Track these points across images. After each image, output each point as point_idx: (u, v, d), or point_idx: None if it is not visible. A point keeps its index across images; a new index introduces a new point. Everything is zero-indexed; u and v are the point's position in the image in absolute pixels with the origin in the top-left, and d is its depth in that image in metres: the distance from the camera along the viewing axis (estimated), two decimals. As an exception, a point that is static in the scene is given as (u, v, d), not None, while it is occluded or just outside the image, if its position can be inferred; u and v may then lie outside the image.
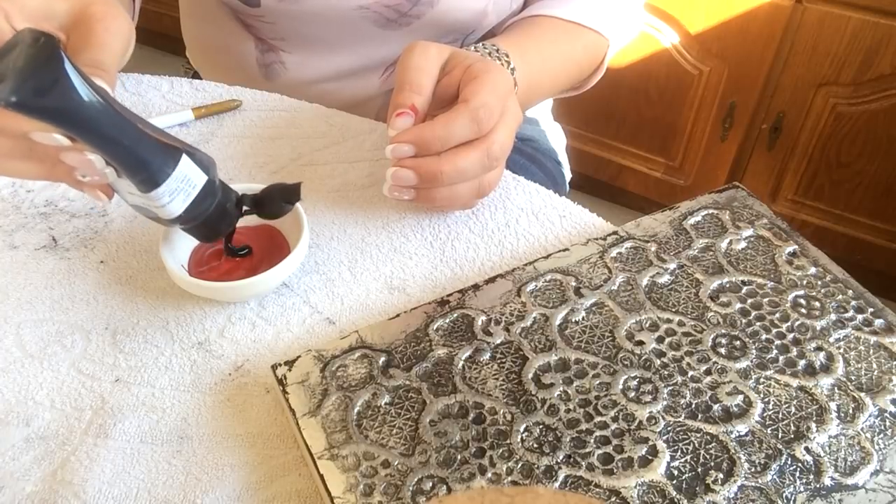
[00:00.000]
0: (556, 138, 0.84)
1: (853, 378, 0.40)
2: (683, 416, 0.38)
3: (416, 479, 0.35)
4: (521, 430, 0.37)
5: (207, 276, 0.45)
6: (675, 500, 0.35)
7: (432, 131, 0.44)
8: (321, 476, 0.36)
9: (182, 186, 0.39)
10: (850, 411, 0.38)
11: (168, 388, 0.42)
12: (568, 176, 0.85)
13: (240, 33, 0.69)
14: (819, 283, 0.45)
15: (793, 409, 0.38)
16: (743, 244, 0.47)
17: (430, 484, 0.35)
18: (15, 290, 0.47)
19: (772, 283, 0.45)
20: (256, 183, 0.49)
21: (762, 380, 0.40)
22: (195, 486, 0.37)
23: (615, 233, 0.48)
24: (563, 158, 0.85)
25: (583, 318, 0.43)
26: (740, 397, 0.39)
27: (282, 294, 0.47)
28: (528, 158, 0.77)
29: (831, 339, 0.42)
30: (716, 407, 0.38)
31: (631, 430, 0.37)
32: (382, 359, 0.41)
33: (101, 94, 0.35)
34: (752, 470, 0.36)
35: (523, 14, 0.64)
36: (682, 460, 0.36)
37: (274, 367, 0.40)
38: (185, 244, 0.47)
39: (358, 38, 0.65)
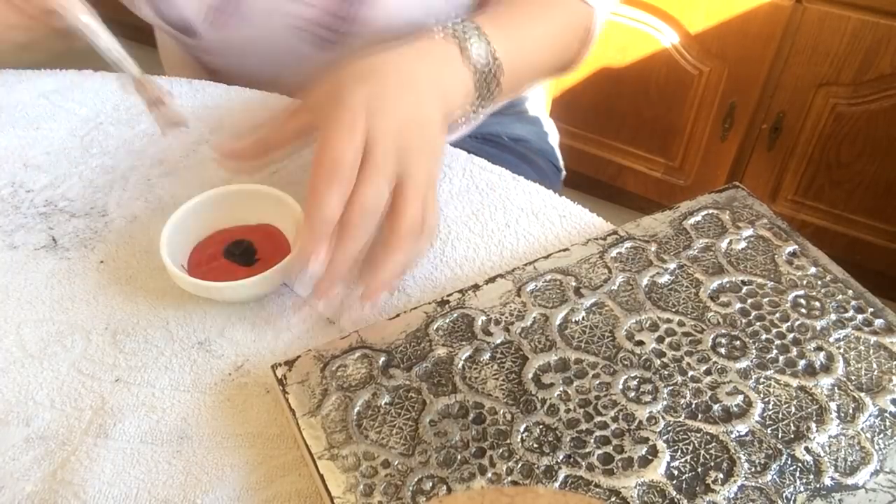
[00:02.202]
0: (553, 137, 0.83)
1: (853, 378, 0.40)
2: (683, 416, 0.38)
3: (416, 479, 0.35)
4: (521, 430, 0.37)
5: (207, 276, 0.45)
6: (675, 500, 0.35)
7: (311, 218, 0.41)
8: (321, 476, 0.36)
9: None
10: (850, 411, 0.38)
11: (168, 388, 0.42)
12: (563, 173, 0.84)
13: (192, 63, 0.69)
14: (819, 283, 0.45)
15: (793, 409, 0.38)
16: (743, 244, 0.47)
17: (430, 484, 0.35)
18: (15, 290, 0.47)
19: (772, 283, 0.45)
20: (256, 183, 0.49)
21: (762, 380, 0.40)
22: (195, 486, 0.37)
23: (615, 233, 0.48)
24: (557, 154, 0.84)
25: (583, 318, 0.43)
26: (740, 397, 0.39)
27: (282, 294, 0.47)
28: (518, 157, 0.76)
29: (831, 339, 0.42)
30: (716, 407, 0.38)
31: (631, 430, 0.37)
32: (382, 359, 0.40)
33: None
34: (752, 470, 0.36)
35: None
36: (682, 460, 0.36)
37: (274, 367, 0.40)
38: (184, 244, 0.47)
39: (297, 61, 0.62)
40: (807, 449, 0.37)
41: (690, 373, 0.40)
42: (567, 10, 0.61)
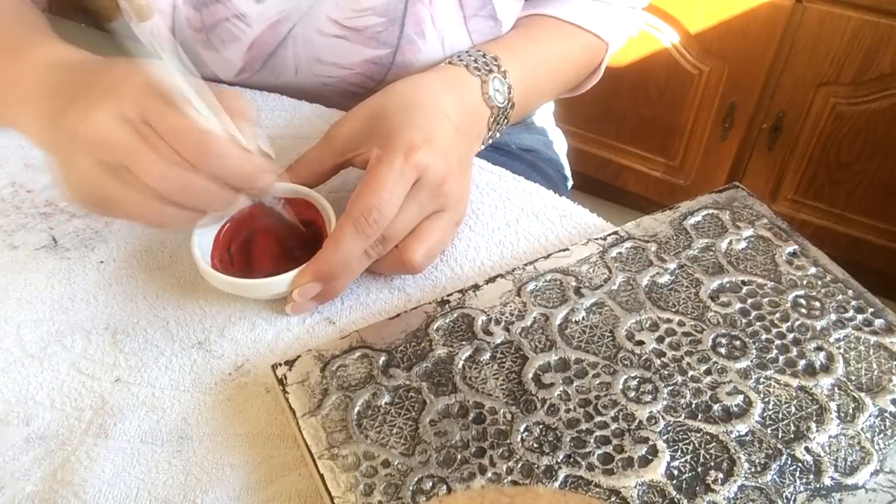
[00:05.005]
0: (559, 145, 0.84)
1: (853, 378, 0.40)
2: (683, 415, 0.38)
3: (416, 479, 0.35)
4: (521, 429, 0.37)
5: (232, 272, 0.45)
6: (675, 499, 0.35)
7: (328, 262, 0.43)
8: (321, 476, 0.36)
9: None
10: (850, 411, 0.38)
11: (168, 388, 0.42)
12: (570, 183, 0.85)
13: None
14: (819, 283, 0.45)
15: (793, 409, 0.38)
16: (743, 244, 0.47)
17: (430, 484, 0.35)
18: (15, 290, 0.47)
19: (772, 283, 0.45)
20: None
21: (762, 380, 0.40)
22: (195, 486, 0.37)
23: (615, 233, 0.48)
24: (565, 163, 0.84)
25: (583, 318, 0.43)
26: (740, 397, 0.39)
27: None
28: (528, 165, 0.77)
29: (831, 339, 0.42)
30: (716, 407, 0.38)
31: (631, 429, 0.37)
32: (382, 358, 0.41)
33: None
34: (752, 470, 0.36)
35: (521, 13, 0.63)
36: (682, 460, 0.36)
37: (274, 367, 0.40)
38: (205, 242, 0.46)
39: (324, 104, 0.63)
40: (807, 449, 0.37)
41: (690, 373, 0.40)
42: (584, 42, 0.63)
